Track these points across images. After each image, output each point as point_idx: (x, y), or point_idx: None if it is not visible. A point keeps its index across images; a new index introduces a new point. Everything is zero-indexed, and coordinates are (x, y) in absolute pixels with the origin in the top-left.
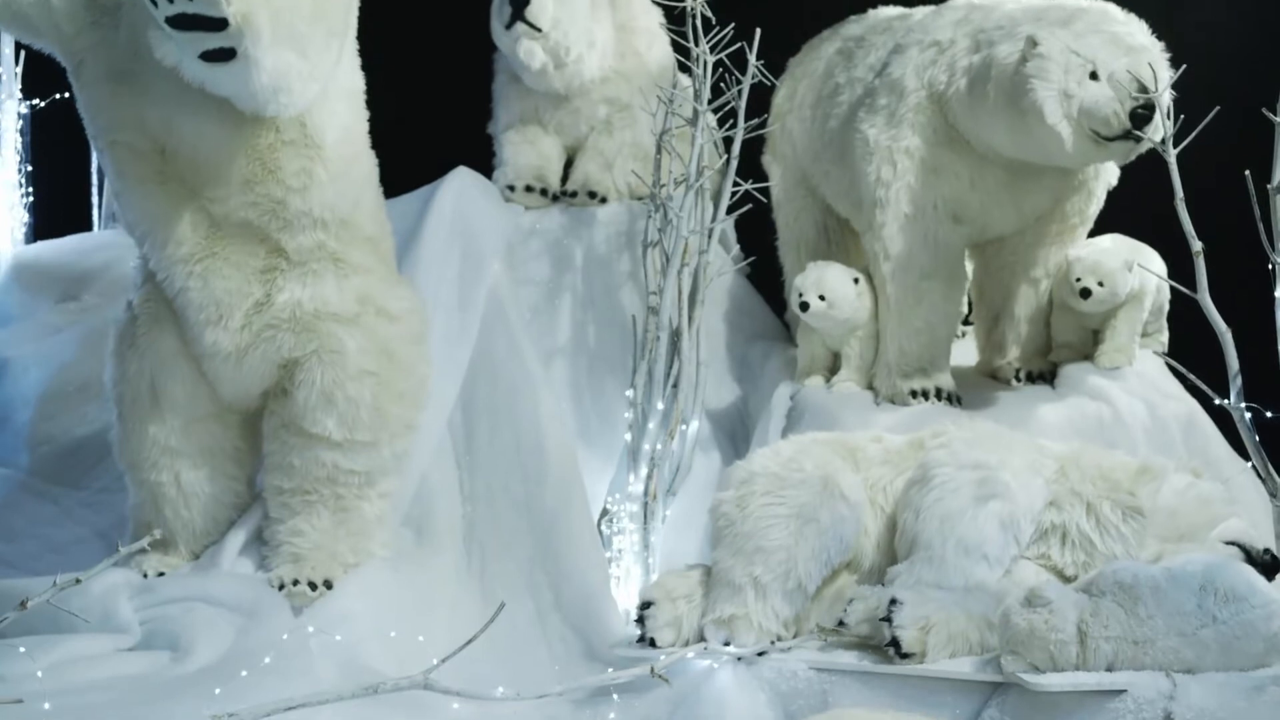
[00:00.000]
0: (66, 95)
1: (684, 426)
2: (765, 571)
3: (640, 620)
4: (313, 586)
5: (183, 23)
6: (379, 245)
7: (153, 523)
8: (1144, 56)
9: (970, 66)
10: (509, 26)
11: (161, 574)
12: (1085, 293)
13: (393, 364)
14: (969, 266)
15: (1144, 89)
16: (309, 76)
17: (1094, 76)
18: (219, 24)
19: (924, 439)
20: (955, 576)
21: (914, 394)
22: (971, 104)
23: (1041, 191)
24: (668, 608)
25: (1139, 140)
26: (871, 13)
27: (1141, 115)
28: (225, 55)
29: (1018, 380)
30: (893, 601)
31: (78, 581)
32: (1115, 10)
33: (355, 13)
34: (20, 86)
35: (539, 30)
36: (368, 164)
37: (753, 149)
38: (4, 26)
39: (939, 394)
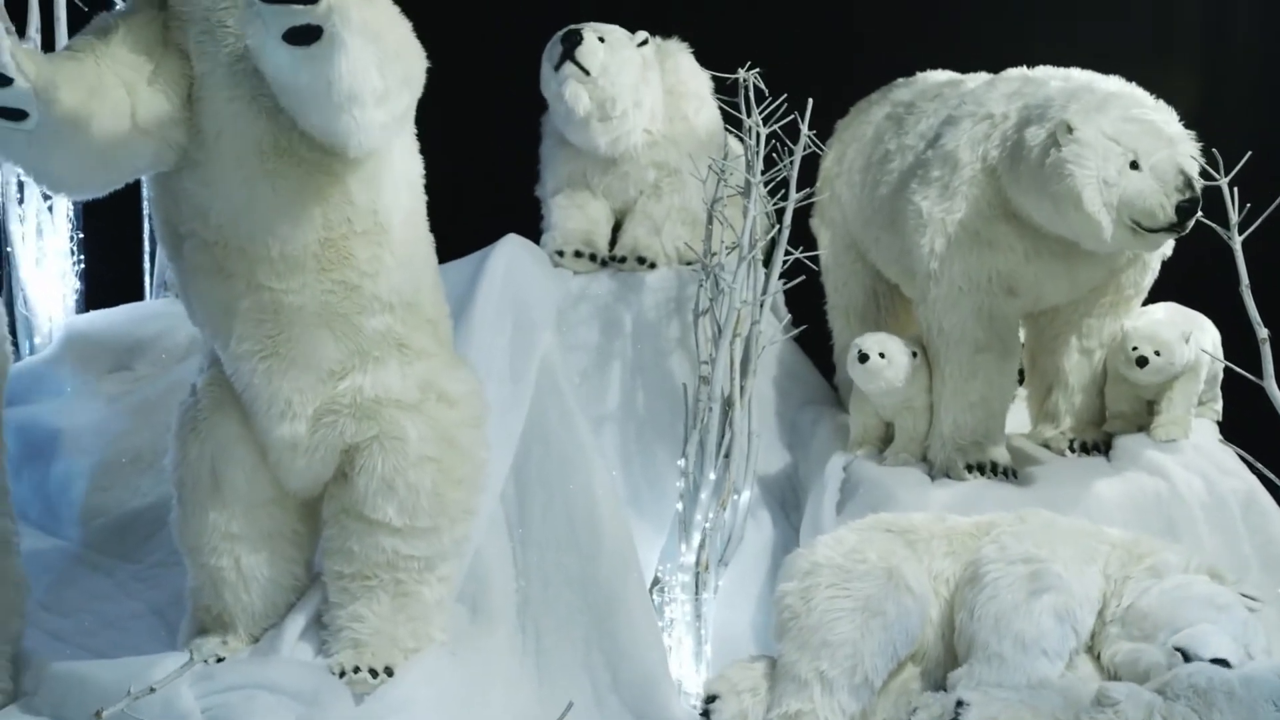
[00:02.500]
0: None
1: (736, 496)
2: (831, 666)
3: (705, 714)
4: (373, 674)
5: None
6: (439, 328)
7: (211, 606)
8: (1183, 147)
9: (1013, 143)
10: (558, 67)
11: (221, 658)
12: (1142, 361)
13: (453, 450)
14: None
15: (1189, 183)
16: (381, 99)
17: (1134, 166)
18: None
19: (983, 528)
20: (1016, 674)
21: (969, 468)
22: (1010, 180)
23: (1096, 264)
24: (732, 701)
25: (1182, 233)
26: (920, 76)
27: (1186, 209)
28: (311, 34)
29: (1071, 451)
30: (959, 704)
31: (152, 690)
32: (1144, 95)
33: (419, 93)
34: None
35: (587, 73)
36: (427, 247)
37: (802, 213)
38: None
39: (994, 469)
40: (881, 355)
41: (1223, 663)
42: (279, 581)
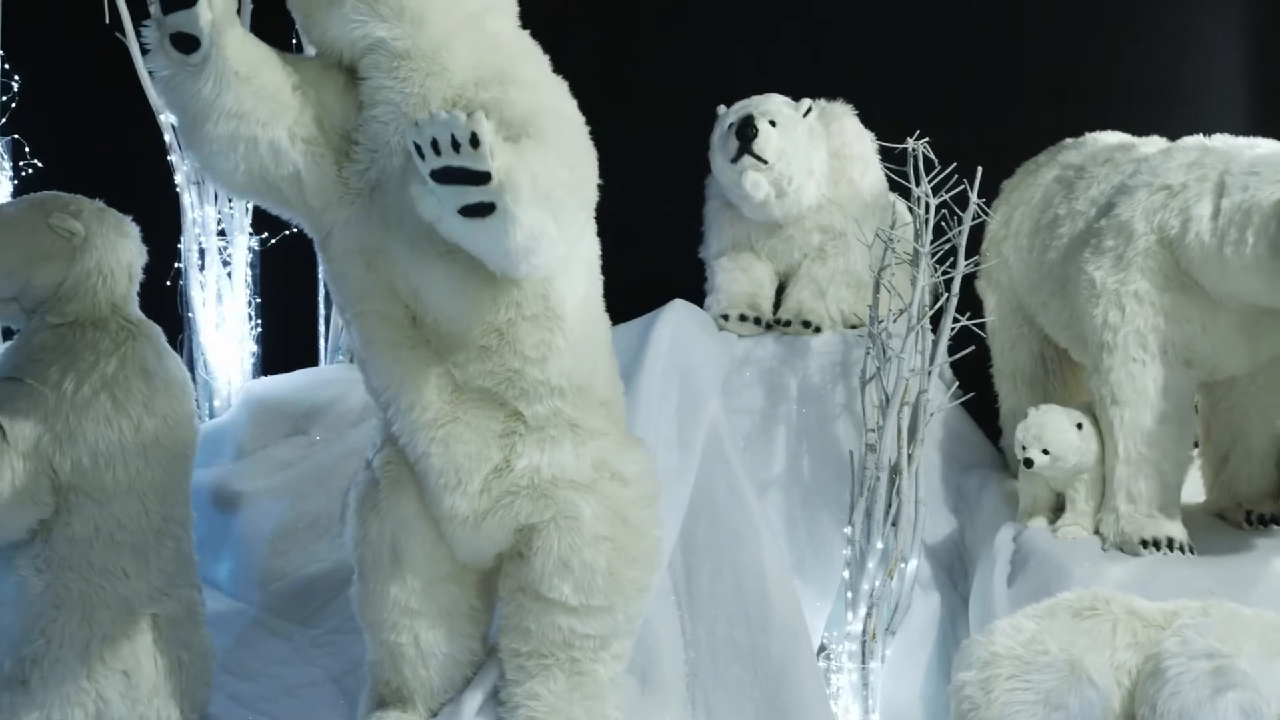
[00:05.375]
0: (295, 231)
1: (903, 565)
2: None
3: None
4: None
5: (447, 176)
6: (613, 408)
7: (391, 680)
8: None
9: (1217, 211)
10: (735, 160)
11: None
12: None
13: (627, 529)
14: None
15: None
16: (558, 241)
17: None
18: (482, 178)
19: (1167, 616)
20: None
21: (1144, 543)
22: (1219, 251)
23: (1277, 334)
24: None
25: None
26: (1089, 138)
27: None
28: (484, 210)
29: (1248, 524)
30: None
31: None
32: None
33: (594, 198)
34: (250, 221)
35: (765, 163)
36: (603, 329)
37: (967, 274)
38: (256, 198)
39: (1170, 544)
40: (1045, 452)
41: None
42: (456, 657)
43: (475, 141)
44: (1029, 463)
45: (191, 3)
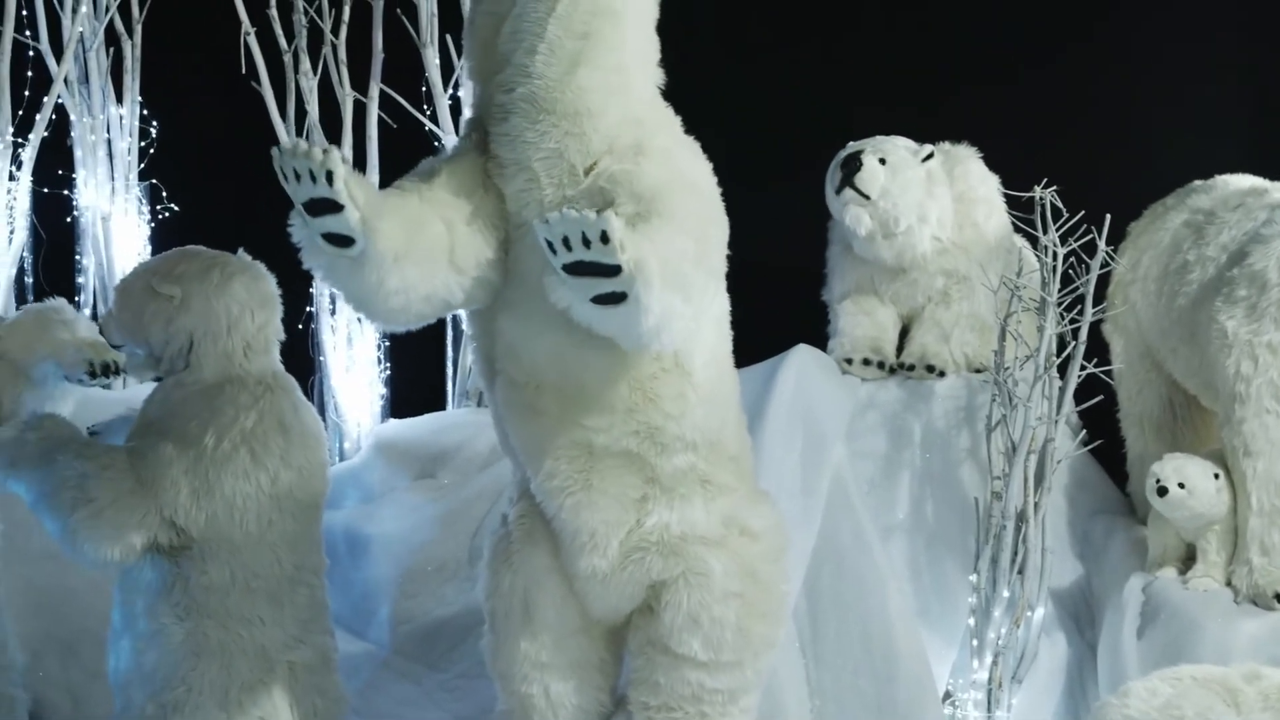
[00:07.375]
0: None
1: (1030, 613)
2: None
3: None
4: None
5: (578, 269)
6: (741, 463)
7: None
8: None
9: None
10: (838, 192)
11: None
12: None
13: (756, 584)
14: None
15: None
16: (689, 318)
17: None
18: (613, 270)
19: None
20: None
21: (1278, 597)
22: None
23: None
24: None
25: None
26: (1219, 181)
27: None
28: (616, 299)
29: None
30: None
31: None
32: None
33: (725, 248)
34: None
35: (867, 198)
36: (731, 384)
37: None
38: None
39: None
40: (1181, 485)
41: None
42: (585, 709)
43: (605, 238)
44: (1163, 491)
45: (339, 208)
